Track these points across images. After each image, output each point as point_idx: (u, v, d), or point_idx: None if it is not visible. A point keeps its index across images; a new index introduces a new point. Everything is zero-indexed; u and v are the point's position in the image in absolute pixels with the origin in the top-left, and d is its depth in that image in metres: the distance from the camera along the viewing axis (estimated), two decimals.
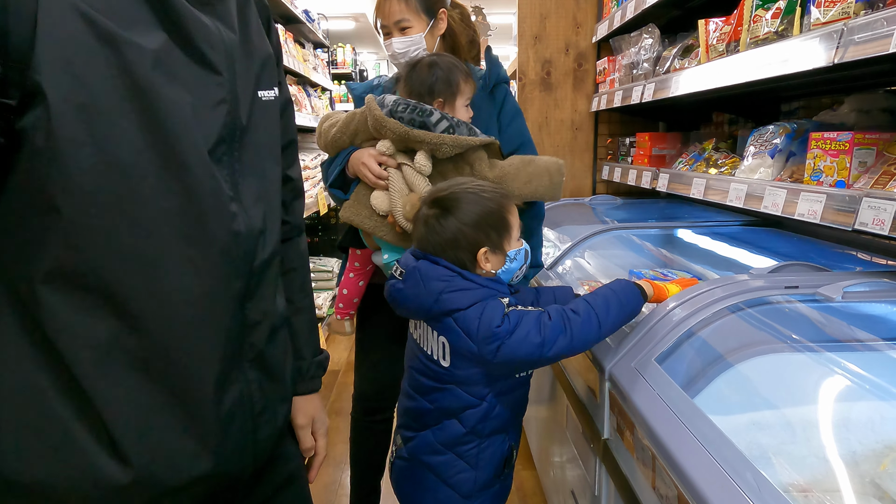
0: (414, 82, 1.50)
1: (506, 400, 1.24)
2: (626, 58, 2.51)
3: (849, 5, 1.15)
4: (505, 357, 1.12)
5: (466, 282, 1.16)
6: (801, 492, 0.87)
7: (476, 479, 1.24)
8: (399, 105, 1.42)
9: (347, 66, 7.27)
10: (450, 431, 1.22)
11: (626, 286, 1.21)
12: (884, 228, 1.07)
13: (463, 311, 1.14)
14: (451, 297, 1.15)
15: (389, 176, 1.44)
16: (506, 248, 1.21)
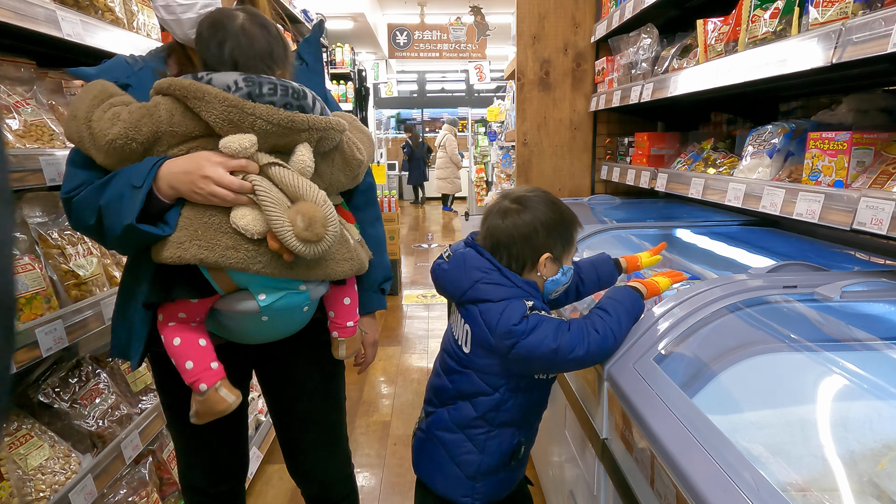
0: (243, 47, 1.11)
1: (521, 398, 1.27)
2: (625, 58, 2.51)
3: (847, 5, 1.16)
4: (520, 355, 1.17)
5: (503, 278, 1.22)
6: (799, 491, 0.87)
7: (481, 462, 1.29)
8: (264, 85, 1.07)
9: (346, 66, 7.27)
10: (463, 413, 1.28)
11: (628, 294, 1.27)
12: (882, 228, 1.07)
13: (491, 304, 1.20)
14: (485, 287, 1.21)
15: (255, 185, 1.07)
16: (563, 262, 1.27)
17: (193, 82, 1.05)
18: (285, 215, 1.06)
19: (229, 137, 1.05)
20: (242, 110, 1.04)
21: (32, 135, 1.45)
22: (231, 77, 1.07)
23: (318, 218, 1.06)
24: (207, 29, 1.13)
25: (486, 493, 1.31)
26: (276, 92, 1.08)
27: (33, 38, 1.48)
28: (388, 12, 10.86)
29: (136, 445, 1.68)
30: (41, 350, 1.32)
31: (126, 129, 1.06)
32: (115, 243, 1.13)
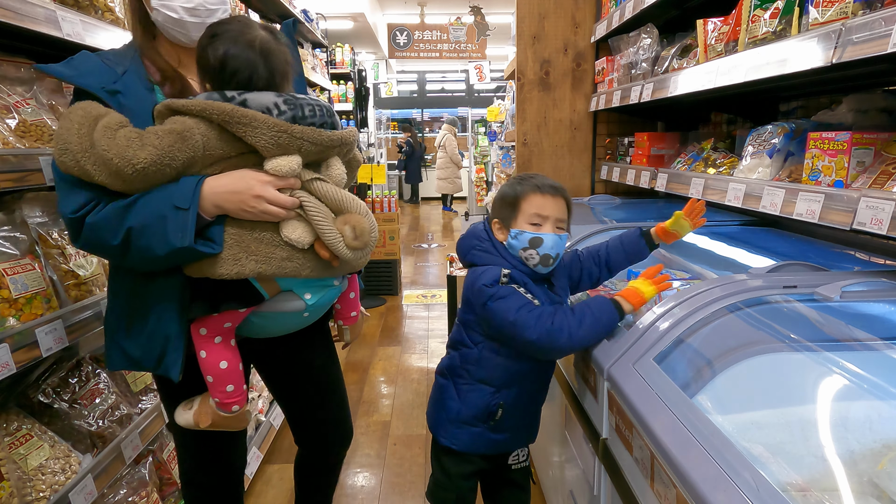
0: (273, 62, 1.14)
1: (503, 361, 1.42)
2: (625, 58, 2.51)
3: (847, 5, 1.16)
4: (487, 316, 1.36)
5: (492, 247, 1.43)
6: (799, 491, 0.87)
7: (460, 410, 1.47)
8: (305, 108, 1.13)
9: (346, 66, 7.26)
10: (453, 362, 1.49)
11: (602, 304, 1.35)
12: (882, 228, 1.07)
13: (476, 267, 1.42)
14: (476, 253, 1.44)
15: (303, 201, 1.13)
16: (511, 226, 1.41)
17: (235, 107, 1.07)
18: (335, 227, 1.14)
19: (278, 160, 1.10)
20: (291, 135, 1.09)
21: (32, 134, 1.45)
22: (269, 99, 1.10)
23: (365, 228, 1.16)
24: (230, 42, 1.12)
25: (464, 442, 1.48)
26: (315, 113, 1.14)
27: (33, 38, 1.47)
28: (388, 12, 10.86)
29: (136, 445, 1.68)
30: (41, 350, 1.32)
31: (160, 156, 1.05)
32: (146, 263, 1.12)
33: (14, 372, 1.23)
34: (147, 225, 1.07)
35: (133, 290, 1.21)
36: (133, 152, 1.04)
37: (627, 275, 1.92)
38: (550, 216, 1.39)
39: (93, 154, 1.04)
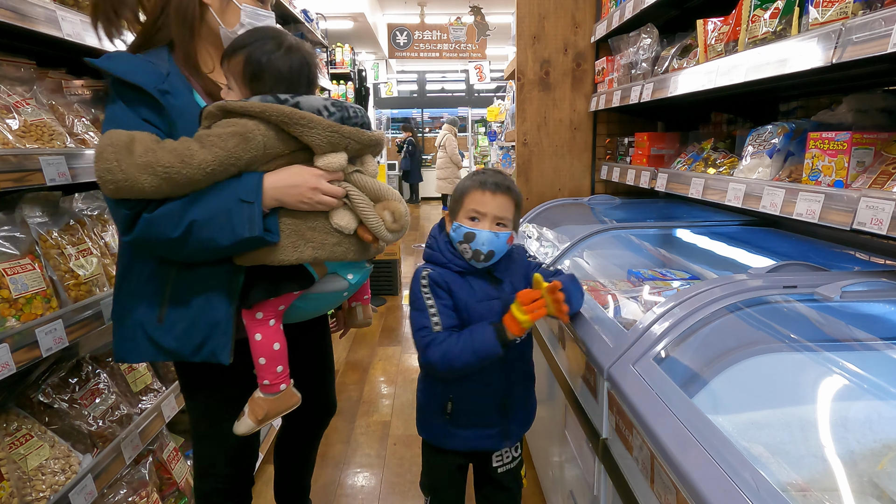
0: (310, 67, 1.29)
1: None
2: (625, 58, 2.51)
3: (847, 5, 1.16)
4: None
5: (435, 241, 1.48)
6: (799, 491, 0.87)
7: (423, 404, 1.56)
8: (349, 110, 1.27)
9: (346, 66, 7.26)
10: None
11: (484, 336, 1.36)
12: (882, 228, 1.07)
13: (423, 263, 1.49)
14: (426, 249, 1.50)
15: (349, 191, 1.26)
16: (454, 219, 1.45)
17: (293, 109, 1.19)
18: (374, 212, 1.29)
19: (329, 157, 1.23)
20: (342, 134, 1.23)
21: (32, 135, 1.45)
22: (319, 102, 1.23)
23: (402, 212, 1.32)
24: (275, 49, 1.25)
25: (435, 435, 1.56)
26: (357, 115, 1.29)
27: (33, 38, 1.47)
28: (388, 12, 10.86)
29: (135, 445, 1.68)
30: (41, 350, 1.32)
31: (227, 156, 1.15)
32: (203, 254, 1.20)
33: (14, 372, 1.23)
34: (212, 218, 1.16)
35: (172, 281, 1.27)
36: (201, 157, 1.13)
37: (628, 274, 1.92)
38: (489, 213, 1.40)
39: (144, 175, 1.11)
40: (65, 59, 1.83)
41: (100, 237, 1.69)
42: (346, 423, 3.05)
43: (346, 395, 3.36)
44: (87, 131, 1.66)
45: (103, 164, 1.10)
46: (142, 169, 1.10)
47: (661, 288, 1.69)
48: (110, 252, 1.71)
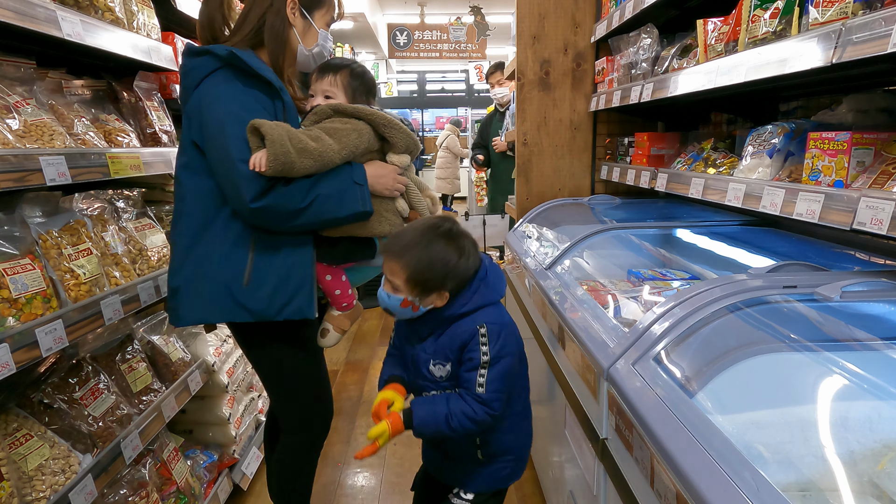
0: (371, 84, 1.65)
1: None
2: (625, 58, 2.51)
3: (847, 5, 1.16)
4: None
5: None
6: (799, 491, 0.87)
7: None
8: (410, 123, 1.61)
9: None
10: None
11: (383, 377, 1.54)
12: (882, 228, 1.07)
13: None
14: None
15: (408, 184, 1.61)
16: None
17: (391, 116, 1.54)
18: (422, 198, 1.64)
19: (402, 156, 1.57)
20: (413, 139, 1.57)
21: (32, 135, 1.45)
22: (394, 113, 1.61)
23: (436, 198, 1.72)
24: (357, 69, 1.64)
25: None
26: (412, 128, 1.61)
27: (33, 38, 1.47)
28: (388, 12, 10.86)
29: (135, 445, 1.68)
30: (41, 350, 1.32)
31: (355, 146, 1.48)
32: (318, 224, 1.50)
33: (14, 372, 1.23)
34: (332, 194, 1.45)
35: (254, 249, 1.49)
36: (337, 147, 1.44)
37: (628, 274, 1.92)
38: (385, 273, 1.41)
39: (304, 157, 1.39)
40: (65, 59, 1.83)
41: (100, 237, 1.69)
42: (346, 423, 3.05)
43: (346, 395, 3.37)
44: (87, 131, 1.66)
45: (280, 149, 1.35)
46: (301, 153, 1.38)
47: (661, 288, 1.69)
48: (110, 252, 1.71)
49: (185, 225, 1.49)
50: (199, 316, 1.51)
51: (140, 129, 1.93)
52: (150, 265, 1.84)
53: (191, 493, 2.03)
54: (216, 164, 1.44)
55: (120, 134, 1.80)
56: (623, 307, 1.62)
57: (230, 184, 1.41)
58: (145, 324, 2.07)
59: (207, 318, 1.51)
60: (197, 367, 2.13)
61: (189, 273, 1.49)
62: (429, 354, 1.45)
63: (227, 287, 1.47)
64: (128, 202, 1.90)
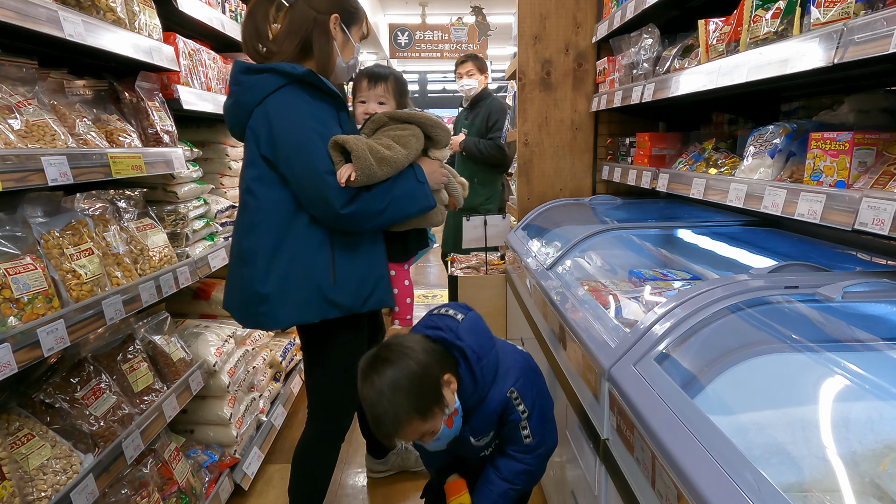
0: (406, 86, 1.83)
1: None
2: (626, 58, 2.51)
3: (849, 5, 1.15)
4: None
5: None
6: (800, 492, 0.87)
7: None
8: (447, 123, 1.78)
9: None
10: None
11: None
12: (884, 228, 1.07)
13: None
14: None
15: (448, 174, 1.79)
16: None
17: (436, 117, 1.70)
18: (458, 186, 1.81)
19: (444, 150, 1.74)
20: (450, 135, 1.74)
21: (34, 135, 1.45)
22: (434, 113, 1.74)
23: (466, 185, 1.88)
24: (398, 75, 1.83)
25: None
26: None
27: (35, 39, 1.48)
28: (389, 13, 10.86)
29: (137, 445, 1.69)
30: (42, 350, 1.32)
31: (413, 153, 1.64)
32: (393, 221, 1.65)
33: (15, 372, 1.23)
34: (404, 194, 1.63)
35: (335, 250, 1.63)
36: (405, 153, 1.61)
37: (629, 274, 1.92)
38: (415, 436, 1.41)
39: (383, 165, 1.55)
40: (66, 60, 1.83)
41: (101, 237, 1.70)
42: None
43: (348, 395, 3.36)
44: (88, 131, 1.67)
45: (364, 162, 1.51)
46: (380, 163, 1.54)
47: (662, 288, 1.69)
48: (111, 252, 1.71)
49: (265, 233, 1.60)
50: (295, 318, 1.62)
51: (141, 129, 1.93)
52: (151, 265, 1.84)
53: (192, 492, 2.03)
54: (300, 176, 1.55)
55: (121, 134, 1.80)
56: (624, 307, 1.62)
57: (317, 194, 1.54)
58: (146, 324, 2.08)
59: (303, 318, 1.62)
60: (198, 367, 2.14)
61: (278, 279, 1.59)
62: (466, 434, 1.50)
63: (318, 288, 1.60)
64: (129, 202, 1.91)
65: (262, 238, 1.60)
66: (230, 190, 2.69)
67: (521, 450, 1.52)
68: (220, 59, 2.54)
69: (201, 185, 2.30)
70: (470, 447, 1.54)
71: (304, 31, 1.60)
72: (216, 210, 2.40)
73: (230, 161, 2.69)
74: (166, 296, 1.85)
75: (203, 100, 2.24)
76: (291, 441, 2.88)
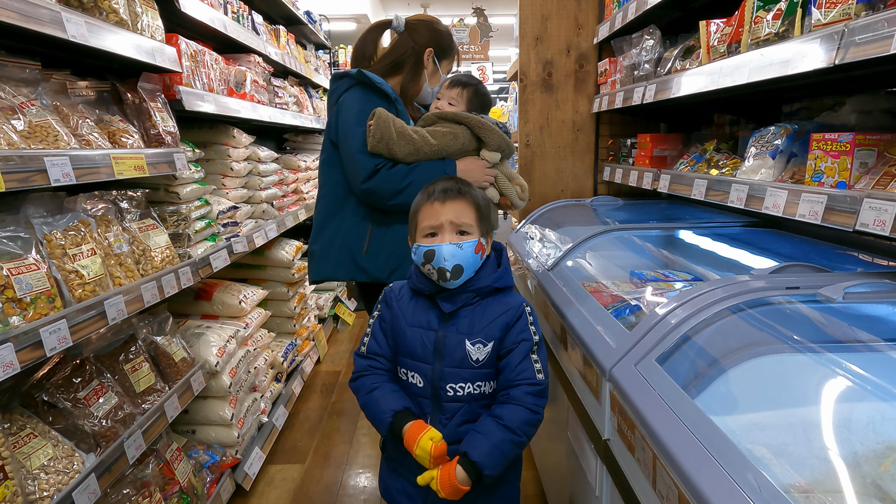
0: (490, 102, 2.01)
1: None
2: (628, 59, 2.51)
3: (849, 6, 1.16)
4: None
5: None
6: (802, 492, 0.87)
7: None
8: (505, 127, 1.88)
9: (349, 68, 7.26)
10: None
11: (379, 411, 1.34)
12: (885, 229, 1.07)
13: None
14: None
15: (497, 176, 1.90)
16: (412, 241, 1.42)
17: (485, 120, 1.82)
18: (512, 188, 1.88)
19: (492, 153, 1.84)
20: (506, 141, 1.84)
21: (37, 135, 1.46)
22: (493, 120, 1.84)
23: (525, 186, 1.93)
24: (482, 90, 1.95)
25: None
26: (508, 132, 1.87)
27: (38, 40, 1.48)
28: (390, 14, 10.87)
29: (139, 445, 1.69)
30: (45, 350, 1.32)
31: (442, 145, 1.79)
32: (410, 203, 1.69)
33: (18, 371, 1.24)
34: (424, 180, 1.62)
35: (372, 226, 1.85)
36: (432, 142, 1.78)
37: (630, 275, 1.92)
38: (444, 223, 1.31)
39: (401, 141, 1.73)
40: (69, 61, 1.83)
41: (104, 238, 1.70)
42: (349, 423, 3.05)
43: (349, 396, 3.37)
44: (91, 132, 1.67)
45: (383, 124, 1.71)
46: (400, 136, 1.73)
47: (663, 289, 1.69)
48: (114, 252, 1.71)
49: (322, 207, 1.92)
50: (330, 273, 1.89)
51: (144, 129, 1.94)
52: (153, 266, 1.85)
53: (193, 493, 2.03)
54: (342, 153, 1.84)
55: (124, 135, 1.81)
56: (625, 308, 1.62)
57: (350, 169, 1.81)
58: (149, 324, 2.08)
59: (335, 275, 1.89)
60: (199, 367, 2.14)
61: (323, 241, 1.89)
62: (462, 334, 1.31)
63: (352, 254, 1.85)
64: (131, 203, 1.91)
65: (320, 210, 1.94)
66: (232, 191, 2.69)
67: (533, 390, 1.27)
68: (223, 60, 2.54)
69: (203, 186, 2.30)
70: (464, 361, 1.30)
71: (399, 54, 1.95)
72: (218, 211, 2.40)
73: (232, 162, 2.70)
74: (168, 296, 1.86)
75: (205, 101, 2.24)
76: (293, 442, 2.89)
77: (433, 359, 1.33)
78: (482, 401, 1.34)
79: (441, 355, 1.32)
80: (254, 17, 3.15)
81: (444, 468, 1.25)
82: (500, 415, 1.27)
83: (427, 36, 1.97)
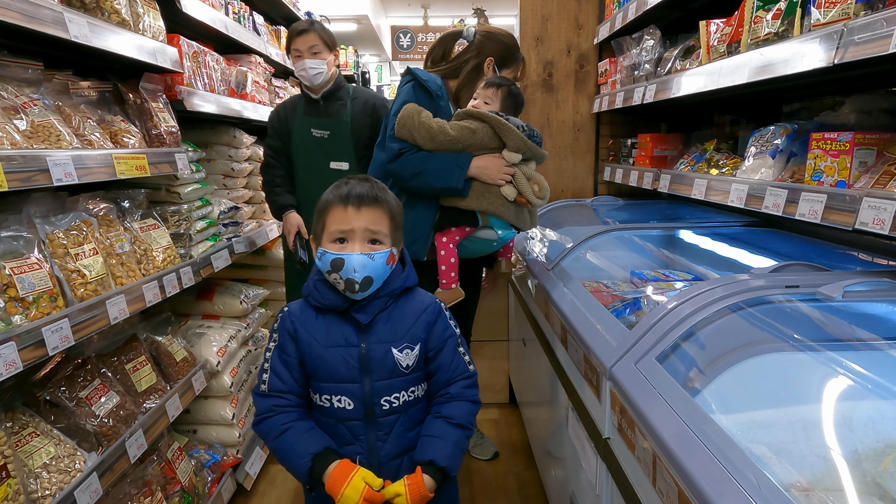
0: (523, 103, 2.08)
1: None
2: (628, 59, 2.52)
3: (849, 6, 1.16)
4: None
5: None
6: (802, 491, 0.88)
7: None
8: (532, 129, 1.96)
9: (350, 68, 7.28)
10: None
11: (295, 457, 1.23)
12: (884, 228, 1.07)
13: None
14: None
15: (515, 174, 1.97)
16: (317, 244, 1.29)
17: (505, 121, 1.89)
18: (529, 187, 1.95)
19: (512, 154, 1.92)
20: (526, 143, 1.90)
21: (40, 135, 1.46)
22: (518, 122, 1.92)
23: (544, 185, 1.99)
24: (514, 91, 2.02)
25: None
26: (535, 135, 1.96)
27: (40, 40, 1.49)
28: (391, 15, 10.89)
29: (140, 444, 1.69)
30: (47, 349, 1.33)
31: (459, 138, 1.90)
32: (422, 188, 1.97)
33: (20, 370, 1.24)
34: (437, 170, 1.92)
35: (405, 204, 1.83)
36: (450, 133, 1.90)
37: (631, 275, 1.92)
38: (357, 229, 1.21)
39: (422, 129, 1.91)
40: (71, 61, 1.84)
41: (105, 237, 1.70)
42: None
43: None
44: (93, 132, 1.68)
45: (407, 114, 1.91)
46: (420, 125, 1.90)
47: (663, 288, 1.69)
48: (115, 252, 1.72)
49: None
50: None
51: (145, 129, 1.94)
52: (155, 265, 1.85)
53: (195, 492, 2.03)
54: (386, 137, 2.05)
55: (125, 135, 1.81)
56: (625, 307, 1.63)
57: (386, 150, 2.01)
58: (150, 324, 2.08)
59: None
60: (201, 367, 2.14)
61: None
62: (386, 342, 1.26)
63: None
64: (133, 203, 1.92)
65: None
66: (233, 191, 2.70)
67: (468, 382, 1.30)
68: (224, 60, 2.55)
69: (204, 186, 2.31)
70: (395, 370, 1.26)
71: (461, 60, 2.15)
72: (219, 211, 2.41)
73: (233, 162, 2.70)
74: (169, 296, 1.86)
75: (206, 101, 2.25)
76: None
77: (360, 376, 1.26)
78: (416, 405, 1.33)
79: (369, 370, 1.26)
80: (255, 17, 3.16)
81: (412, 482, 1.22)
82: (450, 414, 1.28)
83: (490, 46, 2.15)
